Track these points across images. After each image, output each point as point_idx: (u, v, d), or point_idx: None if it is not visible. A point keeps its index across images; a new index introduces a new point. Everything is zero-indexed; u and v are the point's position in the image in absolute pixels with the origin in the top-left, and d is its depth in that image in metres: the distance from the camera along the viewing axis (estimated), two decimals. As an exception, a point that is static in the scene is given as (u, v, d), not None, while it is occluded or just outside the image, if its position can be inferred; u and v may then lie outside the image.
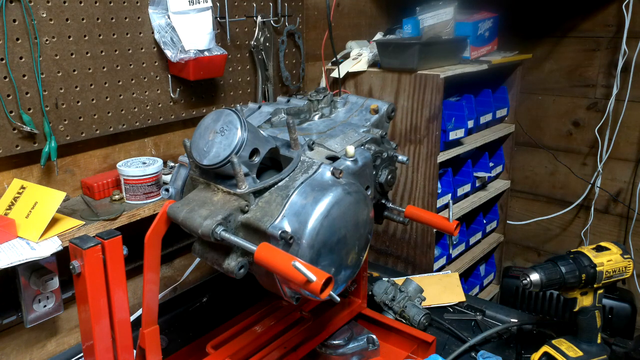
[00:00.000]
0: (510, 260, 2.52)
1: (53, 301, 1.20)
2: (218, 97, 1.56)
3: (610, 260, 1.16)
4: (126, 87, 1.33)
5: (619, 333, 1.67)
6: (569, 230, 2.33)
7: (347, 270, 0.95)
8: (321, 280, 0.74)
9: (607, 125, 2.10)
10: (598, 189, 2.18)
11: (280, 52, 1.69)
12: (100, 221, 1.18)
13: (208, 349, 1.17)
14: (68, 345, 1.36)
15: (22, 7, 1.10)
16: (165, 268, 1.57)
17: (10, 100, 1.12)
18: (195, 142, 0.91)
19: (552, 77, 2.22)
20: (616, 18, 2.02)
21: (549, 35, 2.19)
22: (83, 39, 1.22)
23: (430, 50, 1.75)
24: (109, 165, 1.37)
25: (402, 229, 1.91)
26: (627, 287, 2.04)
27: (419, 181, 1.81)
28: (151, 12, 1.33)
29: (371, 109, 1.18)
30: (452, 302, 1.54)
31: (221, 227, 0.83)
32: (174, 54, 1.34)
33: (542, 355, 1.21)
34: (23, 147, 1.16)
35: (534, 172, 2.36)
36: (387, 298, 1.45)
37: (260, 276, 0.94)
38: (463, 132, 1.85)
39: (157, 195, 1.29)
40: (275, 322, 1.25)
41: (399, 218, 1.21)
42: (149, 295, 0.96)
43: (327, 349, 1.27)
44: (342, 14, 1.99)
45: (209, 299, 1.57)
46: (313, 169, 0.93)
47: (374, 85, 1.82)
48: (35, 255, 1.02)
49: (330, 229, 0.88)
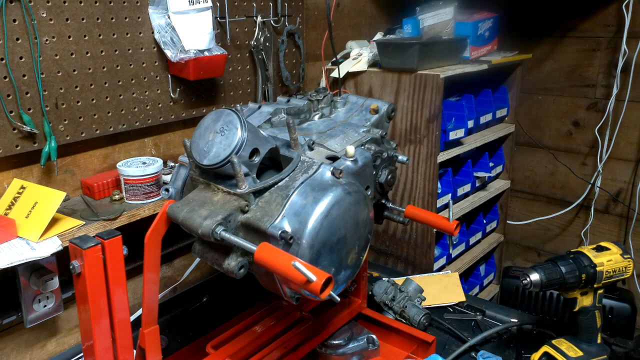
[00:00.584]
0: (510, 260, 2.52)
1: (53, 301, 1.20)
2: (218, 97, 1.56)
3: (610, 260, 1.16)
4: (126, 87, 1.33)
5: (619, 333, 1.67)
6: (569, 230, 2.33)
7: (347, 270, 0.95)
8: (321, 280, 0.74)
9: (607, 125, 2.10)
10: (598, 189, 2.18)
11: (280, 52, 1.69)
12: (100, 221, 1.18)
13: (208, 349, 1.17)
14: (68, 345, 1.36)
15: (22, 7, 1.10)
16: (165, 268, 1.57)
17: (10, 100, 1.12)
18: (195, 142, 0.91)
19: (552, 77, 2.22)
20: (616, 18, 2.02)
21: (549, 35, 2.19)
22: (83, 39, 1.22)
23: (430, 50, 1.75)
24: (109, 165, 1.37)
25: (402, 229, 1.91)
26: (627, 287, 2.04)
27: (419, 181, 1.81)
28: (151, 12, 1.33)
29: (371, 109, 1.18)
30: (452, 302, 1.54)
31: (221, 227, 0.83)
32: (174, 54, 1.34)
33: (542, 355, 1.21)
34: (23, 147, 1.16)
35: (534, 172, 2.36)
36: (387, 298, 1.45)
37: (260, 276, 0.94)
38: (463, 132, 1.85)
39: (157, 195, 1.29)
40: (275, 322, 1.25)
41: (399, 218, 1.21)
42: (149, 295, 0.96)
43: (327, 349, 1.27)
44: (342, 14, 1.99)
45: (209, 299, 1.57)
46: (313, 169, 0.93)
47: (374, 85, 1.82)
48: (35, 255, 1.02)
49: (330, 229, 0.88)
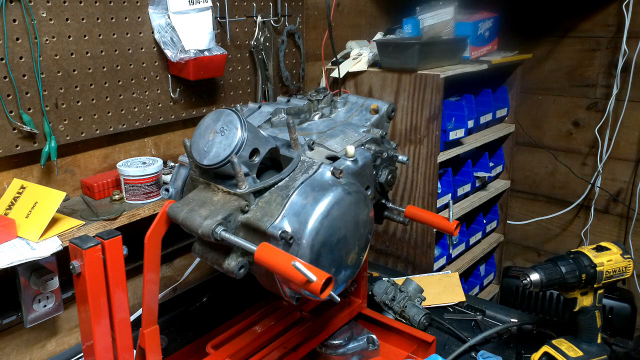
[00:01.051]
0: (510, 260, 2.52)
1: (53, 301, 1.20)
2: (218, 97, 1.56)
3: (610, 260, 1.16)
4: (126, 87, 1.33)
5: (619, 333, 1.67)
6: (569, 230, 2.33)
7: (347, 270, 0.95)
8: (321, 280, 0.74)
9: (607, 125, 2.10)
10: (598, 189, 2.18)
11: (280, 52, 1.69)
12: (100, 221, 1.18)
13: (208, 349, 1.17)
14: (68, 345, 1.36)
15: (22, 7, 1.10)
16: (165, 268, 1.57)
17: (10, 100, 1.12)
18: (195, 142, 0.91)
19: (552, 77, 2.22)
20: (616, 18, 2.02)
21: (549, 35, 2.19)
22: (83, 38, 1.22)
23: (430, 50, 1.75)
24: (109, 165, 1.37)
25: (402, 229, 1.91)
26: (627, 287, 2.04)
27: (419, 181, 1.81)
28: (151, 12, 1.33)
29: (371, 108, 1.18)
30: (452, 302, 1.54)
31: (221, 227, 0.83)
32: (174, 54, 1.34)
33: (542, 355, 1.21)
34: (23, 147, 1.16)
35: (534, 172, 2.36)
36: (387, 298, 1.45)
37: (260, 276, 0.94)
38: (463, 132, 1.85)
39: (157, 195, 1.29)
40: (275, 322, 1.25)
41: (399, 218, 1.21)
42: (149, 295, 0.96)
43: (327, 349, 1.27)
44: (342, 14, 1.99)
45: (209, 299, 1.57)
46: (313, 169, 0.93)
47: (374, 85, 1.82)
48: (35, 255, 1.02)
49: (330, 229, 0.88)
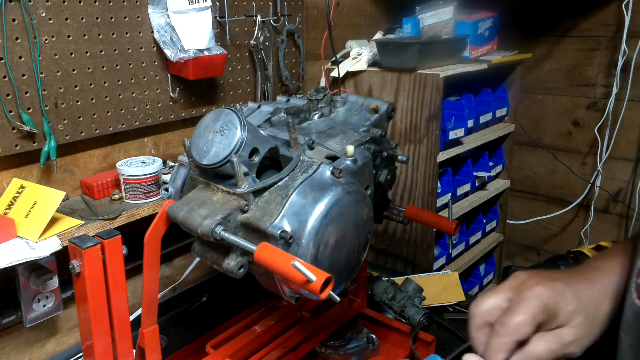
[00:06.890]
0: (510, 260, 2.52)
1: (53, 301, 1.20)
2: (218, 96, 1.56)
3: (610, 260, 1.15)
4: (126, 86, 1.33)
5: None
6: (569, 230, 2.33)
7: (347, 270, 0.95)
8: (321, 280, 0.74)
9: (607, 125, 2.10)
10: (598, 188, 2.18)
11: (280, 51, 1.69)
12: (100, 221, 1.17)
13: (208, 349, 1.17)
14: (68, 345, 1.36)
15: (22, 6, 1.10)
16: (165, 268, 1.57)
17: (9, 100, 1.12)
18: (195, 142, 0.91)
19: (552, 77, 2.22)
20: (616, 18, 2.02)
21: (549, 35, 2.19)
22: (83, 38, 1.22)
23: (430, 50, 1.75)
24: (109, 165, 1.37)
25: (402, 229, 1.90)
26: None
27: (419, 181, 1.81)
28: (151, 11, 1.33)
29: (371, 108, 1.18)
30: (452, 302, 1.54)
31: (221, 227, 0.83)
32: (173, 54, 1.34)
33: (542, 355, 1.21)
34: (23, 146, 1.16)
35: (534, 172, 2.36)
36: (387, 298, 1.45)
37: (260, 276, 0.94)
38: (463, 131, 1.85)
39: (156, 195, 1.29)
40: (275, 322, 1.25)
41: (399, 218, 1.21)
42: (149, 295, 0.96)
43: (327, 349, 1.26)
44: (342, 14, 1.99)
45: (209, 299, 1.57)
46: (313, 169, 0.92)
47: (374, 85, 1.82)
48: (35, 255, 1.02)
49: (330, 229, 0.88)
